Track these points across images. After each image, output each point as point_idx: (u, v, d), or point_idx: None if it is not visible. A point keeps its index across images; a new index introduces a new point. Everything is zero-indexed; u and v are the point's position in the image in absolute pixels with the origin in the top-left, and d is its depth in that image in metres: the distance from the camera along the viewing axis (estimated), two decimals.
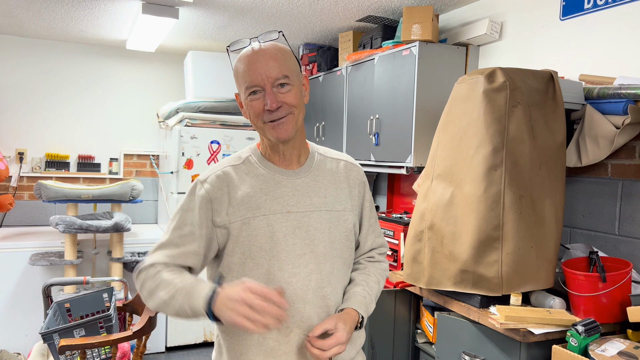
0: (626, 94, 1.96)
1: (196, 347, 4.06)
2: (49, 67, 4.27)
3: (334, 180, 1.37)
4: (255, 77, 1.22)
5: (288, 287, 1.25)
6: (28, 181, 4.21)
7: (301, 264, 1.27)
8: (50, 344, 2.18)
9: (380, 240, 1.50)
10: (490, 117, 1.91)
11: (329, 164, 1.39)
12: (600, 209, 2.18)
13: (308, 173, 1.34)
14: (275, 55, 1.23)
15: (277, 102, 1.22)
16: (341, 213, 1.34)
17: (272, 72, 1.22)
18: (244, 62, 1.24)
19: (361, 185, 1.42)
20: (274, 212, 1.27)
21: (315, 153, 1.39)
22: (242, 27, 3.63)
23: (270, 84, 1.22)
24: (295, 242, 1.27)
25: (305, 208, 1.29)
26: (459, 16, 2.99)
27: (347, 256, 1.36)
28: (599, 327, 1.66)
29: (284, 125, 1.24)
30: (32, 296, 3.53)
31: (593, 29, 2.23)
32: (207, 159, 3.96)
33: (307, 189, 1.32)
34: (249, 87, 1.23)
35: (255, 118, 1.26)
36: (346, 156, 1.46)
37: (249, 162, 1.34)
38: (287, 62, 1.25)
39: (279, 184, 1.30)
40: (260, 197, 1.28)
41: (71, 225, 3.28)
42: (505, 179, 1.88)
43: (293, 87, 1.25)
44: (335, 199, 1.34)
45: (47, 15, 3.47)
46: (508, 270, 1.87)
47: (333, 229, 1.31)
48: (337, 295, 1.32)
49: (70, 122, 4.35)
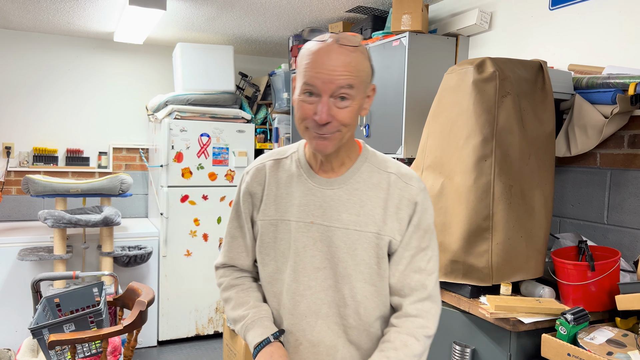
0: (615, 83, 1.97)
1: (188, 341, 4.06)
2: (35, 60, 4.21)
3: (375, 196, 1.20)
4: (315, 79, 1.09)
5: (302, 300, 1.21)
6: (16, 176, 4.17)
7: (318, 278, 1.20)
8: (40, 340, 2.16)
9: (420, 290, 1.20)
10: (479, 108, 1.91)
11: (375, 177, 1.22)
12: (589, 198, 2.19)
13: (344, 185, 1.21)
14: (346, 61, 1.09)
15: (329, 117, 1.09)
16: (374, 235, 1.18)
17: (338, 79, 1.08)
18: (310, 55, 1.10)
19: (410, 205, 1.20)
20: (298, 219, 1.20)
21: (365, 162, 1.24)
22: (231, 18, 3.60)
23: (329, 92, 1.09)
24: (314, 254, 1.20)
25: (331, 222, 1.19)
26: (449, 6, 2.98)
27: (380, 284, 1.21)
28: (587, 316, 1.67)
29: (327, 141, 1.12)
30: (21, 292, 3.50)
31: (582, 19, 2.23)
32: (197, 152, 3.93)
33: (338, 202, 1.20)
34: (305, 85, 1.11)
35: (300, 120, 1.14)
36: (403, 169, 1.25)
37: (292, 159, 1.27)
38: (358, 71, 1.10)
39: (309, 191, 1.21)
40: (289, 200, 1.22)
41: (60, 219, 3.25)
42: (494, 169, 1.88)
43: (353, 102, 1.11)
44: (370, 219, 1.19)
45: (33, 7, 3.41)
46: (498, 260, 1.88)
47: (360, 250, 1.18)
48: (361, 320, 1.21)
49: (58, 116, 4.30)
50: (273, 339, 1.21)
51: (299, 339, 1.23)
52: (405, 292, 1.21)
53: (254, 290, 1.32)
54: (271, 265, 1.26)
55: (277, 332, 1.23)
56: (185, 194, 3.93)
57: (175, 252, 3.93)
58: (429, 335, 1.20)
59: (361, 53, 1.12)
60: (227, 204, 4.08)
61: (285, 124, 4.22)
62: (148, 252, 3.68)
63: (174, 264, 3.93)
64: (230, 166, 4.07)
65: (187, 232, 3.95)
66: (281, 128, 4.23)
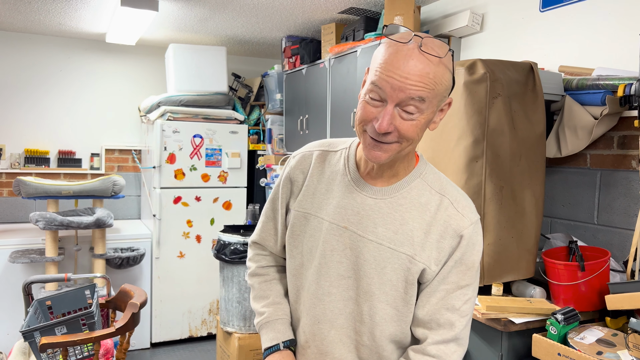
0: (604, 84, 1.98)
1: (181, 343, 4.05)
2: (27, 61, 4.18)
3: (419, 217, 1.10)
4: (385, 82, 0.98)
5: (319, 304, 1.16)
6: (7, 177, 4.14)
7: (341, 286, 1.14)
8: (32, 342, 2.15)
9: (448, 329, 1.10)
10: (470, 109, 1.92)
11: (425, 196, 1.12)
12: (579, 198, 2.20)
13: (389, 197, 1.12)
14: (425, 71, 0.97)
15: (390, 127, 1.00)
16: (408, 258, 1.09)
17: (410, 89, 0.97)
18: (386, 55, 1.00)
19: (455, 237, 1.09)
20: (332, 220, 1.14)
21: (417, 178, 1.14)
22: (223, 19, 3.59)
23: (397, 100, 0.99)
24: (341, 260, 1.13)
25: (364, 233, 1.11)
26: (441, 8, 2.99)
27: (403, 310, 1.13)
28: (578, 316, 1.68)
29: (382, 151, 1.03)
30: (13, 294, 3.48)
31: (572, 21, 2.24)
32: (190, 153, 3.92)
33: (378, 214, 1.11)
34: (373, 86, 1.01)
35: (359, 121, 1.05)
36: (459, 194, 1.14)
37: (341, 154, 1.20)
38: (435, 84, 0.99)
39: (350, 194, 1.14)
40: (328, 198, 1.16)
41: (52, 221, 3.23)
42: (485, 170, 1.89)
43: (422, 115, 1.01)
44: (408, 239, 1.09)
45: (24, 8, 3.39)
46: (489, 260, 1.89)
47: (389, 270, 1.10)
48: (375, 342, 1.14)
49: (50, 117, 4.28)
50: (283, 347, 1.21)
51: (308, 341, 1.20)
52: (431, 327, 1.12)
53: (277, 283, 1.31)
54: (297, 259, 1.21)
55: (287, 341, 1.22)
56: (178, 196, 3.92)
57: (168, 253, 3.92)
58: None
59: (444, 65, 1.00)
60: (221, 205, 4.08)
61: (279, 124, 4.22)
62: (141, 254, 3.66)
63: (166, 265, 3.92)
64: (223, 167, 4.07)
65: (180, 233, 3.94)
66: (274, 129, 4.22)
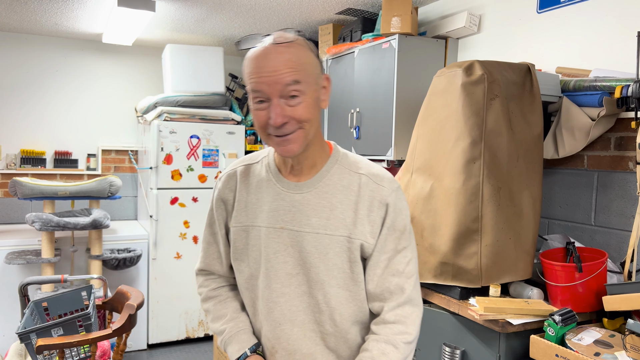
0: (601, 86, 1.99)
1: (178, 344, 4.04)
2: (23, 61, 4.17)
3: (345, 199, 1.16)
4: (260, 84, 1.06)
5: (275, 307, 1.19)
6: (3, 178, 4.12)
7: (292, 284, 1.18)
8: (28, 344, 2.13)
9: (399, 294, 1.16)
10: (468, 110, 1.92)
11: (345, 179, 1.18)
12: (576, 200, 2.21)
13: (313, 188, 1.17)
14: (285, 57, 1.05)
15: (284, 117, 1.06)
16: (345, 239, 1.15)
17: (282, 78, 1.04)
18: (251, 63, 1.08)
19: (382, 207, 1.16)
20: (268, 225, 1.18)
21: (335, 164, 1.20)
22: (220, 19, 3.59)
23: (278, 93, 1.05)
24: (286, 260, 1.17)
25: (300, 227, 1.16)
26: (438, 9, 2.99)
27: (354, 289, 1.18)
28: (575, 317, 1.68)
29: (291, 142, 1.09)
30: (9, 296, 3.46)
31: (569, 22, 2.25)
32: (187, 153, 3.91)
33: (307, 206, 1.16)
34: (254, 93, 1.08)
35: (259, 129, 1.11)
36: (374, 169, 1.21)
37: (262, 163, 1.25)
38: (303, 65, 1.07)
39: (278, 196, 1.19)
40: (260, 206, 1.20)
41: (48, 222, 3.22)
42: (483, 171, 1.89)
43: (306, 96, 1.07)
44: (341, 222, 1.15)
45: (20, 8, 3.38)
46: (487, 262, 1.89)
47: (332, 255, 1.15)
48: (337, 326, 1.19)
49: (47, 118, 4.26)
50: (250, 352, 1.22)
51: (274, 346, 1.22)
52: (384, 297, 1.17)
53: (232, 301, 1.32)
54: (246, 272, 1.25)
55: (253, 346, 1.23)
56: (174, 196, 3.91)
57: (165, 254, 3.90)
58: (409, 342, 1.16)
59: (300, 46, 1.08)
60: None
61: None
62: (137, 255, 3.65)
63: (163, 266, 3.91)
64: (221, 168, 4.06)
65: (177, 234, 3.93)
66: None
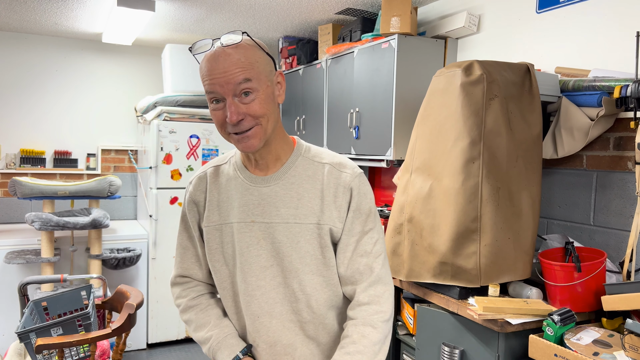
0: (600, 86, 1.99)
1: (178, 344, 4.04)
2: (22, 61, 4.17)
3: (312, 188, 1.21)
4: (213, 85, 1.11)
5: (252, 300, 1.22)
6: (2, 178, 4.12)
7: (267, 277, 1.21)
8: (27, 344, 2.14)
9: (368, 274, 1.21)
10: (467, 110, 1.92)
11: (310, 170, 1.23)
12: (575, 199, 2.21)
13: (279, 180, 1.22)
14: (236, 59, 1.10)
15: (239, 115, 1.11)
16: (315, 226, 1.20)
17: (233, 77, 1.09)
18: (204, 66, 1.13)
19: (346, 192, 1.21)
20: (239, 220, 1.22)
21: (299, 156, 1.25)
22: (220, 19, 3.59)
23: (231, 92, 1.10)
24: (259, 253, 1.21)
25: (271, 219, 1.20)
26: (438, 9, 2.99)
27: (327, 274, 1.22)
28: (574, 317, 1.69)
29: (250, 138, 1.14)
30: (8, 295, 3.46)
31: (569, 22, 2.25)
32: (187, 153, 3.91)
33: (275, 198, 1.21)
34: (209, 94, 1.13)
35: (219, 128, 1.16)
36: (337, 158, 1.26)
37: (229, 163, 1.29)
38: (252, 64, 1.11)
39: (247, 191, 1.23)
40: (230, 203, 1.24)
41: (47, 222, 3.22)
42: (482, 171, 1.90)
43: (259, 92, 1.12)
44: (309, 210, 1.20)
45: (19, 7, 3.38)
46: (486, 261, 1.89)
47: (303, 243, 1.19)
48: (314, 313, 1.22)
49: (46, 117, 4.27)
50: (242, 355, 1.23)
51: (255, 340, 1.24)
52: (355, 279, 1.22)
53: (213, 307, 1.32)
54: (223, 270, 1.26)
55: (244, 349, 1.24)
56: (174, 196, 3.91)
57: (164, 254, 3.91)
58: (386, 320, 1.20)
59: (248, 46, 1.13)
60: None
61: None
62: (137, 255, 3.65)
63: (163, 266, 3.91)
64: None
65: (176, 234, 3.93)
66: None
